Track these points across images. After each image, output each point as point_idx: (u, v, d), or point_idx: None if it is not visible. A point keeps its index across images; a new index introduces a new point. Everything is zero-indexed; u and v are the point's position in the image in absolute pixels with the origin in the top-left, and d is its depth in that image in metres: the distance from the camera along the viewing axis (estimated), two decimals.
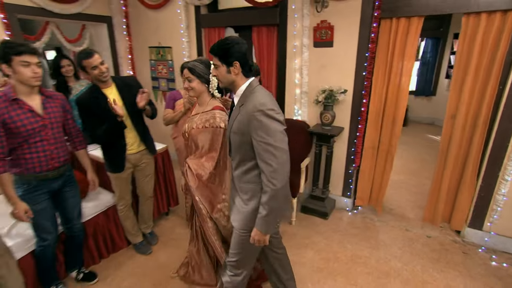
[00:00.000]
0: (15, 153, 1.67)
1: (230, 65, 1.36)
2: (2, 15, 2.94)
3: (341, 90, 2.68)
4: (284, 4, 2.84)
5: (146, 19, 3.92)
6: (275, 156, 1.29)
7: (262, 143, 1.30)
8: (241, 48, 1.36)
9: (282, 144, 1.32)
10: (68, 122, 1.92)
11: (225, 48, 1.35)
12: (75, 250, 2.13)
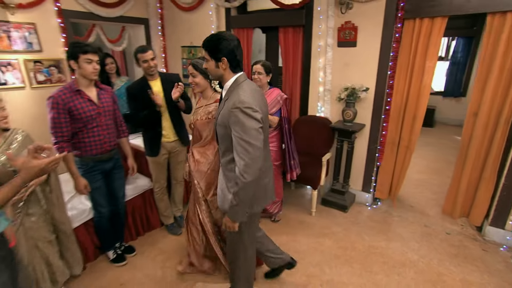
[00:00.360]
0: (76, 138, 1.98)
1: (218, 60, 1.44)
2: (60, 20, 3.33)
3: (363, 88, 2.79)
4: (310, 6, 2.99)
5: (179, 20, 4.21)
6: (248, 151, 1.37)
7: (238, 138, 1.38)
8: (230, 45, 1.42)
9: (256, 141, 1.38)
10: (115, 112, 2.21)
11: (214, 43, 1.42)
12: (119, 225, 2.44)
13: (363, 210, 3.11)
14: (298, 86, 3.35)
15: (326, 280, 2.18)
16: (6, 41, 3.01)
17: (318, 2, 2.95)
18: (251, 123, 1.37)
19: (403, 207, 3.15)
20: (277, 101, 2.50)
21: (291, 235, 2.70)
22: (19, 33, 3.10)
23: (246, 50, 3.59)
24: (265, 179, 1.62)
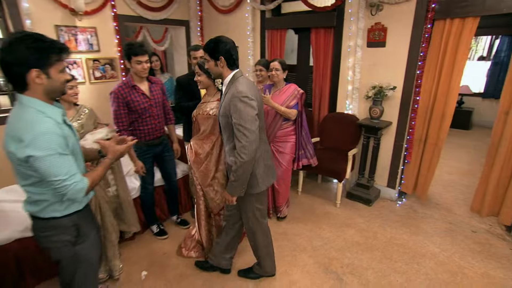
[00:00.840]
0: (132, 126, 2.34)
1: (217, 59, 1.66)
2: (115, 23, 3.79)
3: (390, 87, 2.90)
4: (342, 8, 3.15)
5: (217, 22, 4.53)
6: (245, 135, 1.58)
7: (237, 123, 1.59)
8: (226, 46, 1.65)
9: (252, 126, 1.59)
10: (164, 102, 2.55)
11: (213, 45, 1.66)
12: (174, 200, 2.87)
13: (388, 205, 3.21)
14: (327, 85, 3.51)
15: (347, 263, 2.35)
16: (73, 43, 3.51)
17: (350, 4, 3.10)
18: (247, 109, 1.59)
19: (429, 204, 3.20)
20: (294, 95, 2.60)
21: (316, 223, 2.89)
22: (83, 36, 3.58)
23: (279, 50, 3.81)
24: (268, 160, 1.87)
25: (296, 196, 3.42)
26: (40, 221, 1.30)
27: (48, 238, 1.32)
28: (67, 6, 3.36)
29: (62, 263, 1.38)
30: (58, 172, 1.12)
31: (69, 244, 1.35)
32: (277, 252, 2.47)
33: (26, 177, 1.18)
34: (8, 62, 1.08)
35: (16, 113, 1.13)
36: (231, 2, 4.11)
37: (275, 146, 2.72)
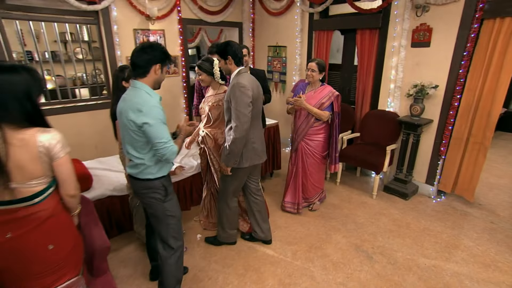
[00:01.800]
0: None
1: (226, 59, 2.06)
2: (179, 26, 4.37)
3: (432, 85, 3.00)
4: (387, 10, 3.31)
5: (268, 23, 4.91)
6: (238, 117, 1.96)
7: (233, 107, 1.98)
8: (232, 48, 2.04)
9: (245, 110, 1.96)
10: None
11: (223, 48, 2.06)
12: None
13: (425, 201, 3.29)
14: (370, 83, 3.68)
15: (378, 245, 2.56)
16: None
17: (395, 6, 3.24)
18: (243, 97, 1.96)
19: (471, 204, 3.21)
20: (328, 97, 2.69)
21: (352, 210, 3.12)
22: (154, 37, 4.20)
23: (325, 50, 4.06)
24: (254, 144, 2.19)
25: (334, 186, 3.65)
26: (138, 182, 1.68)
27: (145, 195, 1.71)
28: (144, 13, 3.99)
29: (158, 217, 1.76)
30: (161, 136, 1.54)
31: (160, 201, 1.73)
32: (313, 230, 2.79)
33: (134, 141, 1.59)
34: (147, 54, 1.54)
35: (132, 93, 1.58)
36: (282, 5, 4.45)
37: (305, 142, 2.85)
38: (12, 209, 1.21)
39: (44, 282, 1.30)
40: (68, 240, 1.36)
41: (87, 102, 3.93)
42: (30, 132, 1.18)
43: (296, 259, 2.40)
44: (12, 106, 1.14)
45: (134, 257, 2.42)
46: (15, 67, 1.19)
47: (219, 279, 2.20)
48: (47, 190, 1.27)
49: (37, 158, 1.19)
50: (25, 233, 1.23)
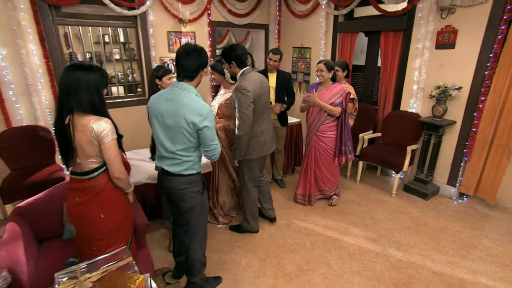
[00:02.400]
0: None
1: (230, 63, 2.27)
2: (209, 28, 4.63)
3: (455, 87, 3.03)
4: (412, 12, 3.36)
5: (293, 25, 5.06)
6: (241, 117, 2.21)
7: (236, 108, 2.21)
8: (235, 52, 2.22)
9: (246, 111, 2.19)
10: None
11: (226, 53, 2.26)
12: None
13: (446, 202, 3.31)
14: (393, 84, 3.73)
15: (394, 240, 2.65)
16: (178, 44, 4.44)
17: (420, 9, 3.29)
18: (244, 98, 2.18)
19: (494, 207, 3.18)
20: (340, 95, 2.85)
21: (370, 207, 3.21)
22: (185, 38, 4.49)
23: (349, 52, 4.15)
24: (261, 137, 2.41)
25: (354, 184, 3.75)
26: (182, 178, 1.74)
27: (187, 189, 1.76)
28: (177, 16, 4.29)
29: (194, 209, 1.81)
30: (214, 138, 1.69)
31: (199, 193, 1.81)
32: (331, 224, 2.92)
33: (186, 143, 1.65)
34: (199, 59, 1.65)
35: (181, 95, 1.63)
36: (307, 8, 4.59)
37: (318, 137, 3.01)
38: (80, 179, 1.52)
39: (100, 244, 1.58)
40: (117, 213, 1.61)
41: (123, 99, 4.28)
42: (88, 119, 1.45)
43: (314, 248, 2.55)
44: (84, 97, 1.41)
45: (164, 241, 2.67)
46: (91, 66, 1.46)
47: (242, 262, 2.40)
48: (100, 168, 1.54)
49: (90, 141, 1.46)
50: (86, 201, 1.52)
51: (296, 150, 3.92)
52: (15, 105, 3.45)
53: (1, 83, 3.29)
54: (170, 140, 1.68)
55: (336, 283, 2.18)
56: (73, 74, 1.42)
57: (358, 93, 4.34)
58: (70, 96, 1.41)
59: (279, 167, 3.72)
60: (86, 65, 1.47)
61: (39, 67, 3.50)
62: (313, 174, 3.14)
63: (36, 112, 3.56)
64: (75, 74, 1.42)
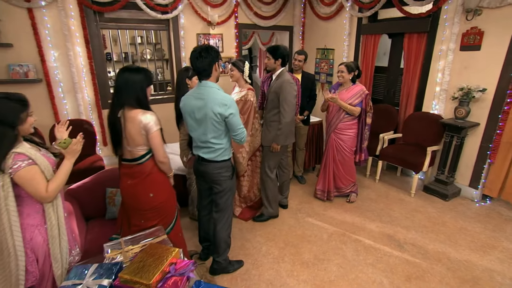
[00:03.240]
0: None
1: (276, 60, 2.59)
2: (236, 30, 4.86)
3: (479, 89, 3.03)
4: (437, 14, 3.38)
5: (317, 27, 5.17)
6: (287, 105, 2.55)
7: (283, 98, 2.53)
8: (283, 52, 2.59)
9: (293, 100, 2.58)
10: None
11: (276, 50, 2.58)
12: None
13: (467, 203, 3.31)
14: (415, 85, 3.76)
15: (410, 237, 2.73)
16: None
17: (445, 11, 3.31)
18: (292, 90, 2.55)
19: None
20: (359, 95, 2.97)
21: (388, 205, 3.28)
22: (213, 40, 4.75)
23: (372, 53, 4.21)
24: (292, 127, 2.74)
25: (373, 183, 3.82)
26: (215, 163, 1.98)
27: (220, 174, 2.01)
28: (206, 19, 4.55)
29: (225, 191, 2.07)
30: (240, 123, 1.90)
31: (229, 177, 2.06)
32: (348, 219, 3.04)
33: (216, 131, 1.87)
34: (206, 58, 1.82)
35: (206, 92, 1.84)
36: (332, 10, 4.68)
37: (336, 135, 3.13)
38: (130, 165, 1.78)
39: (148, 216, 1.86)
40: (162, 193, 1.86)
41: (154, 97, 4.60)
42: (136, 112, 1.69)
43: (331, 240, 2.69)
44: (132, 94, 1.66)
45: (191, 226, 2.91)
46: (138, 68, 1.72)
47: (263, 249, 2.58)
48: (147, 155, 1.78)
49: (138, 131, 1.70)
50: (137, 182, 1.78)
51: (317, 148, 4.05)
52: (63, 101, 3.86)
53: (52, 82, 3.70)
54: (203, 132, 1.91)
55: (350, 272, 2.30)
56: (123, 75, 1.69)
57: (380, 94, 4.41)
58: (121, 93, 1.67)
59: (299, 164, 3.87)
60: (134, 67, 1.72)
61: (84, 67, 3.89)
62: (332, 170, 3.27)
63: (80, 108, 3.96)
64: (125, 75, 1.69)
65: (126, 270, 1.40)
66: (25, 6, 3.34)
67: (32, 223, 1.47)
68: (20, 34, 3.41)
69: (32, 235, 1.47)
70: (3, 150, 1.33)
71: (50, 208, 1.51)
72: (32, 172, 1.40)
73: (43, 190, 1.42)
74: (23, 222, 1.44)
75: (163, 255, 1.52)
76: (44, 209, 1.50)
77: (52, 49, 3.60)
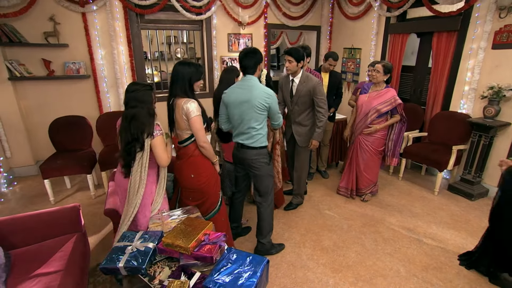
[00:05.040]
0: None
1: (298, 62, 2.62)
2: (265, 30, 5.06)
3: (510, 88, 2.99)
4: (468, 12, 3.36)
5: (345, 27, 5.23)
6: (324, 104, 2.71)
7: (320, 98, 2.69)
8: (304, 53, 2.64)
9: (325, 99, 2.72)
10: None
11: (297, 54, 2.60)
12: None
13: None
14: (443, 85, 3.74)
15: (430, 232, 2.77)
16: (236, 45, 4.95)
17: (477, 9, 3.28)
18: (323, 91, 2.73)
19: None
20: (390, 103, 2.92)
21: (410, 201, 3.33)
22: (243, 40, 4.98)
23: (399, 53, 4.23)
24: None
25: (396, 180, 3.86)
26: (254, 150, 2.18)
27: (258, 160, 2.21)
28: (237, 20, 4.79)
29: (265, 176, 2.26)
30: (278, 110, 2.19)
31: (266, 164, 2.26)
32: (368, 212, 3.15)
33: (258, 118, 2.10)
34: (254, 58, 2.11)
35: (250, 85, 2.08)
36: (360, 10, 4.74)
37: (363, 137, 3.14)
38: (179, 146, 2.08)
39: (194, 195, 2.15)
40: (202, 176, 2.08)
41: None
42: (182, 100, 1.93)
43: (351, 230, 2.81)
44: (180, 84, 1.92)
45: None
46: (190, 63, 1.96)
47: (285, 235, 2.76)
48: (190, 138, 2.02)
49: (182, 117, 1.95)
50: (182, 162, 2.08)
51: (341, 144, 4.15)
52: (106, 95, 4.26)
53: (98, 78, 4.12)
54: (247, 119, 2.13)
55: (368, 259, 2.42)
56: (177, 68, 1.94)
57: (406, 93, 4.42)
58: (174, 84, 1.94)
59: (323, 159, 3.99)
60: (187, 62, 1.98)
61: (125, 64, 4.27)
62: (355, 170, 3.32)
63: (120, 101, 4.35)
64: (178, 68, 1.94)
65: (168, 236, 1.66)
66: (80, 11, 3.77)
67: (151, 180, 1.95)
68: (74, 35, 3.85)
69: (151, 189, 1.95)
70: (153, 122, 1.83)
71: (162, 172, 2.00)
72: (162, 139, 1.88)
73: (166, 156, 1.90)
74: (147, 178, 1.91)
75: (199, 226, 1.75)
76: (158, 173, 2.00)
77: (99, 48, 4.01)
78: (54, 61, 3.83)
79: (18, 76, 3.62)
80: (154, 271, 1.56)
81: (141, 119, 1.78)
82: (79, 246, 2.05)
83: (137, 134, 1.79)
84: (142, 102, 1.82)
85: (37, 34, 3.68)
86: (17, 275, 1.74)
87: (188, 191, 2.15)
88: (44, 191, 3.32)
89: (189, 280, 1.48)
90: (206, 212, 2.19)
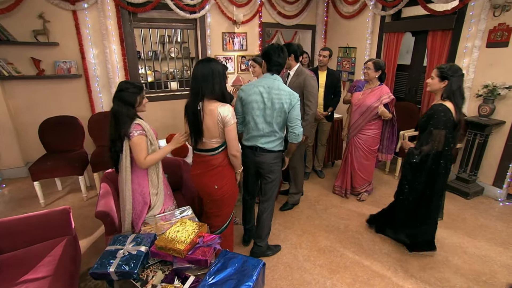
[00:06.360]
0: None
1: (289, 56, 2.59)
2: (260, 29, 5.02)
3: (505, 86, 3.00)
4: (462, 11, 3.36)
5: (340, 26, 5.22)
6: (313, 97, 2.67)
7: (310, 91, 2.66)
8: (294, 48, 2.65)
9: (316, 93, 2.71)
10: None
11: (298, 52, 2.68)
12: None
13: (490, 202, 3.27)
14: None
15: None
16: (231, 44, 4.90)
17: (471, 7, 3.28)
18: (314, 83, 2.72)
19: None
20: (387, 96, 2.85)
21: None
22: (237, 39, 4.93)
23: (394, 51, 4.22)
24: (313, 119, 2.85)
25: (392, 179, 3.85)
26: (273, 153, 2.12)
27: (275, 163, 2.16)
28: (231, 18, 4.74)
29: (276, 180, 2.23)
30: (299, 114, 2.04)
31: (280, 167, 2.25)
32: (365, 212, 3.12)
33: (279, 121, 2.02)
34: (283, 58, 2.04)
35: (278, 84, 2.00)
36: (355, 9, 4.73)
37: (357, 136, 3.13)
38: (202, 155, 1.92)
39: (212, 205, 2.05)
40: (226, 186, 1.96)
41: (181, 93, 4.84)
42: (215, 105, 1.75)
43: (348, 231, 2.78)
44: (217, 84, 1.73)
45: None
46: (215, 60, 1.78)
47: (281, 235, 2.72)
48: (220, 147, 1.89)
49: (216, 124, 1.78)
50: (205, 172, 1.93)
51: (336, 144, 4.12)
52: (98, 95, 4.18)
53: (90, 77, 4.03)
54: (270, 120, 2.03)
55: (365, 259, 2.39)
56: (209, 65, 1.71)
57: (401, 92, 4.41)
58: (206, 83, 1.71)
59: (320, 159, 3.96)
60: (213, 58, 1.80)
61: (118, 63, 4.19)
62: (349, 170, 3.29)
63: None
64: (211, 65, 1.71)
65: (161, 238, 1.60)
66: (70, 9, 3.68)
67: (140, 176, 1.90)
68: (65, 34, 3.76)
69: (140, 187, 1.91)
70: (127, 123, 1.76)
71: (153, 170, 1.92)
72: (140, 140, 1.78)
73: (142, 157, 1.79)
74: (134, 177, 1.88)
75: (193, 229, 1.70)
76: (147, 172, 1.92)
77: (91, 47, 3.92)
78: (44, 60, 3.74)
79: (6, 75, 3.52)
80: (146, 276, 1.51)
81: (120, 119, 1.77)
82: (69, 250, 1.98)
83: (119, 132, 1.79)
84: (124, 103, 1.77)
85: (26, 32, 3.58)
86: (3, 282, 1.67)
87: (206, 201, 2.06)
88: (34, 193, 3.22)
89: (183, 284, 1.43)
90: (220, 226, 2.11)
